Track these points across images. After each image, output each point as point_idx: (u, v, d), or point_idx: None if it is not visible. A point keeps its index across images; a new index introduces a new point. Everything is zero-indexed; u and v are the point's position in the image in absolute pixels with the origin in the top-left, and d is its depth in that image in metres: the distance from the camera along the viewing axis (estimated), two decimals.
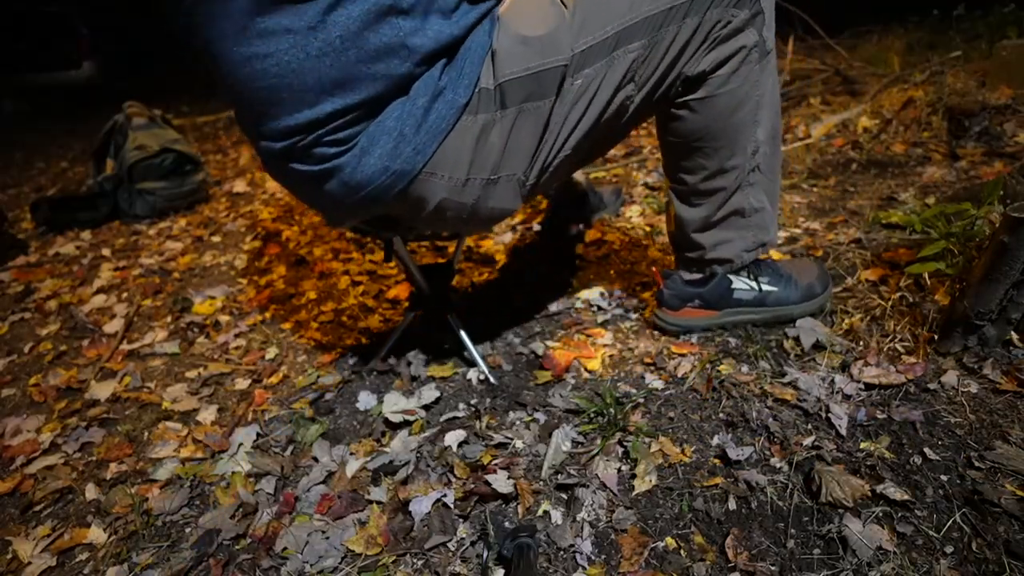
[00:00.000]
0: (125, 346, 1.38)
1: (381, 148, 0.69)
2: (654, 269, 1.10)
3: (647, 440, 0.87)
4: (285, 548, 0.77)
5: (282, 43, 0.63)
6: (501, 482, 0.82)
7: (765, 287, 1.01)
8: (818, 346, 1.00)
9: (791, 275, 1.03)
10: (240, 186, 2.64)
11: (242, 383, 1.17)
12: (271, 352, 1.27)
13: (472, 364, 1.10)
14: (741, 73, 0.80)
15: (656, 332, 1.13)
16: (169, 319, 1.48)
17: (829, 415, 0.85)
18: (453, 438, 0.92)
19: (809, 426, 0.85)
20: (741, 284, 1.01)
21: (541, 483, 0.83)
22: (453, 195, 0.76)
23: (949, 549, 0.65)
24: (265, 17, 0.62)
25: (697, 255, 1.00)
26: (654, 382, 0.99)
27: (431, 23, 0.66)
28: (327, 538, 0.78)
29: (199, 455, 0.98)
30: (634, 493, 0.79)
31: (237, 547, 0.80)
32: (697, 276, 1.02)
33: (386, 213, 0.81)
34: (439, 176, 0.73)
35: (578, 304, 1.27)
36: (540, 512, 0.79)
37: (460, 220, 0.82)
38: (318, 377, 1.14)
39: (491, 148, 0.74)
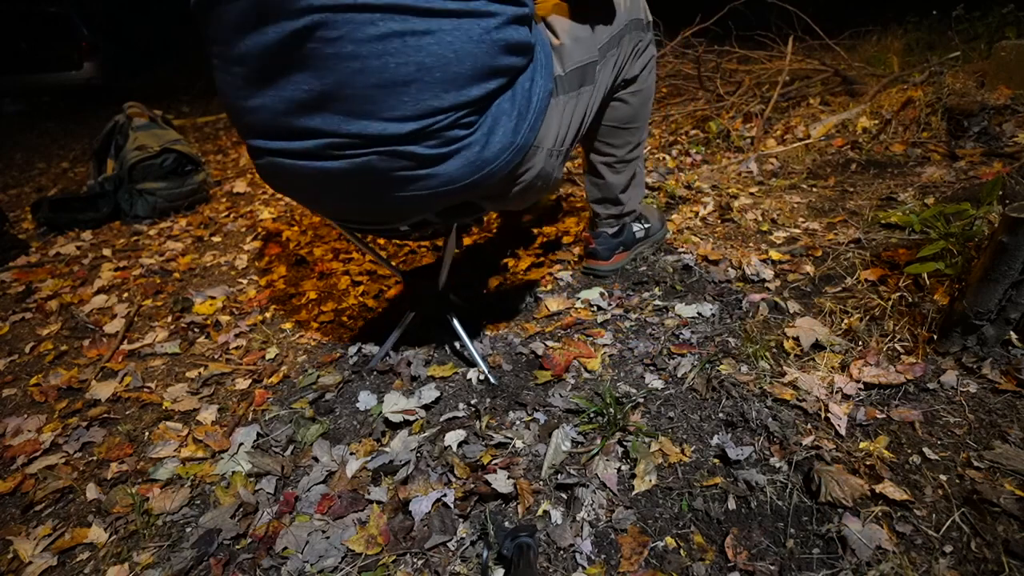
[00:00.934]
0: (126, 346, 1.38)
1: (504, 127, 0.77)
2: (586, 235, 1.39)
3: (647, 440, 0.87)
4: (285, 548, 0.78)
5: (445, 23, 0.65)
6: (501, 482, 0.82)
7: (646, 224, 1.42)
8: (818, 346, 1.00)
9: (649, 215, 1.45)
10: (240, 186, 2.64)
11: (242, 383, 1.17)
12: (271, 352, 1.27)
13: (472, 364, 1.10)
14: (650, 75, 1.17)
15: (655, 332, 1.13)
16: (169, 319, 1.48)
17: (828, 415, 0.85)
18: (453, 438, 0.93)
19: (808, 426, 0.85)
20: (636, 227, 1.39)
21: (541, 483, 0.83)
22: (547, 166, 0.90)
23: (948, 548, 0.65)
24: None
25: (619, 211, 1.33)
26: (654, 382, 0.99)
27: (523, 27, 0.76)
28: (327, 538, 0.79)
29: (200, 455, 0.98)
30: (634, 493, 0.79)
31: (237, 547, 0.80)
32: (616, 228, 1.35)
33: (475, 198, 0.86)
34: (542, 149, 0.87)
35: (578, 304, 1.28)
36: (540, 512, 0.79)
37: (537, 190, 0.94)
38: (318, 377, 1.15)
39: (566, 124, 0.91)
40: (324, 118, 0.71)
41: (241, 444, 0.98)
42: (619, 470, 0.83)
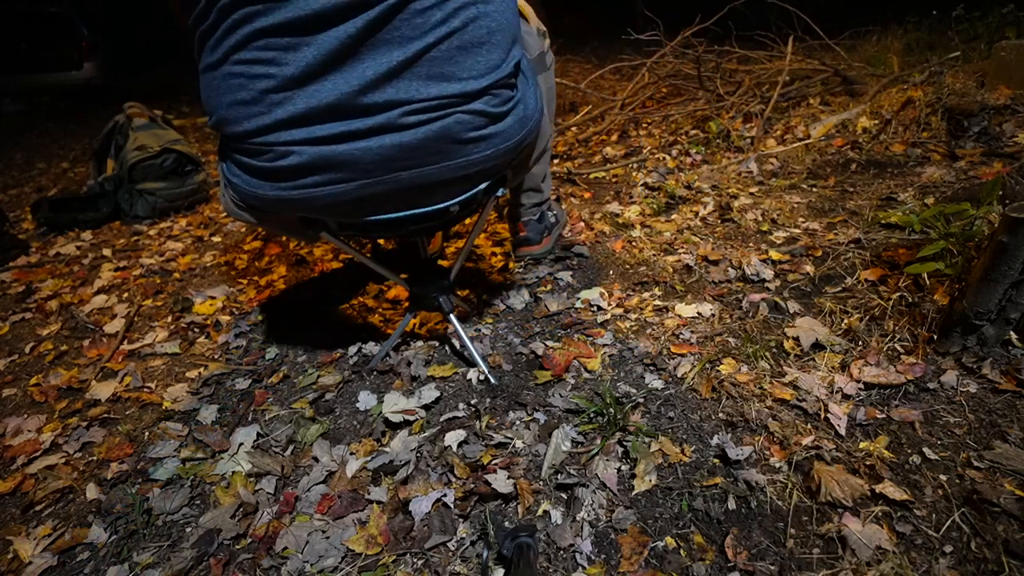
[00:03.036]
0: (126, 346, 1.38)
1: (530, 90, 0.87)
2: (520, 224, 1.49)
3: (647, 440, 0.87)
4: (285, 548, 0.78)
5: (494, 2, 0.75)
6: (501, 482, 0.82)
7: (555, 212, 1.58)
8: (818, 346, 1.00)
9: (555, 204, 1.61)
10: None
11: (242, 383, 1.17)
12: (271, 352, 1.27)
13: (472, 364, 1.10)
14: (552, 75, 1.26)
15: (655, 332, 1.13)
16: (170, 319, 1.48)
17: (828, 415, 0.85)
18: (453, 438, 0.93)
19: (808, 426, 0.85)
20: (550, 213, 1.54)
21: (541, 483, 0.83)
22: (551, 131, 1.03)
23: (948, 548, 0.65)
24: None
25: (540, 199, 1.47)
26: (654, 382, 0.99)
27: None
28: (327, 538, 0.79)
29: (199, 455, 0.98)
30: (634, 493, 0.79)
31: (237, 547, 0.80)
32: (538, 215, 1.49)
33: (511, 166, 0.93)
34: (545, 116, 0.96)
35: (578, 304, 1.28)
36: (540, 512, 0.79)
37: (542, 157, 1.07)
38: (318, 377, 1.15)
39: (544, 100, 0.97)
40: (399, 87, 0.72)
41: (241, 444, 0.98)
42: (619, 470, 0.83)
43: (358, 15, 0.67)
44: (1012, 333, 0.89)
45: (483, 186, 0.92)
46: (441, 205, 0.89)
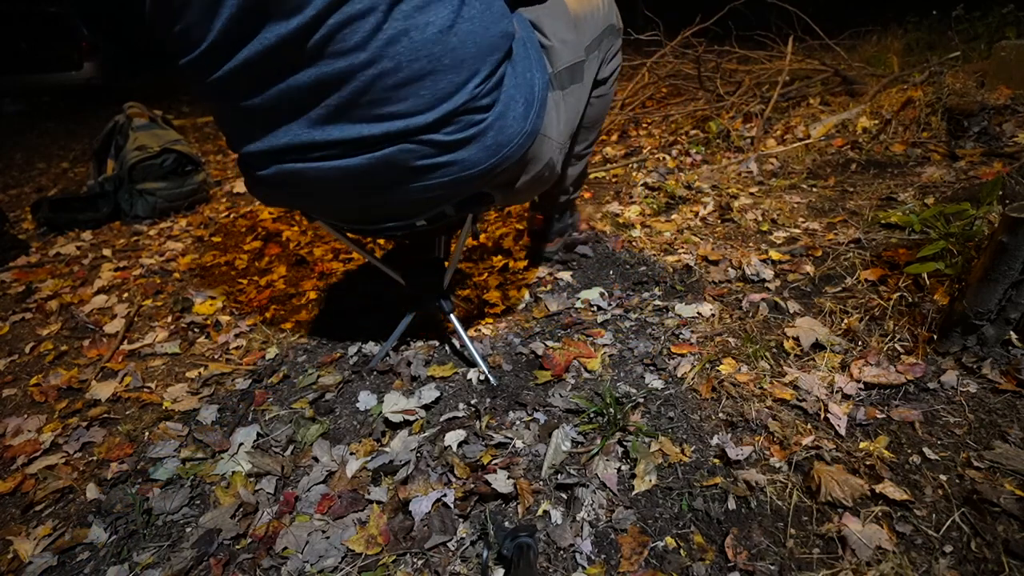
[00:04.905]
0: (126, 346, 1.38)
1: (514, 112, 0.78)
2: (539, 217, 1.47)
3: (647, 440, 0.87)
4: (285, 548, 0.78)
5: (441, 11, 0.66)
6: (501, 482, 0.82)
7: (572, 217, 1.53)
8: (818, 346, 1.00)
9: (575, 208, 1.57)
10: (240, 186, 2.64)
11: (242, 383, 1.17)
12: (271, 352, 1.27)
13: (472, 364, 1.10)
14: (616, 78, 1.21)
15: (655, 332, 1.13)
16: (170, 319, 1.48)
17: (828, 415, 0.85)
18: (453, 438, 0.93)
19: (808, 426, 0.85)
20: (567, 215, 1.50)
21: (541, 483, 0.83)
22: (553, 155, 0.93)
23: (948, 548, 0.65)
24: None
25: (566, 199, 1.42)
26: (654, 382, 0.99)
27: None
28: (327, 538, 0.79)
29: (199, 455, 0.98)
30: (634, 493, 0.79)
31: (237, 547, 0.80)
32: (557, 214, 1.47)
33: (490, 187, 0.87)
34: (550, 139, 0.90)
35: (578, 304, 1.28)
36: (540, 512, 0.79)
37: (543, 181, 0.97)
38: (318, 377, 1.15)
39: (563, 118, 0.95)
40: (343, 128, 0.72)
41: (241, 444, 0.98)
42: (619, 470, 0.83)
43: (291, 75, 0.67)
44: (1012, 333, 0.89)
45: (451, 204, 0.88)
46: (409, 220, 0.90)
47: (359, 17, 0.63)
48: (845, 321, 1.04)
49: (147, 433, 1.06)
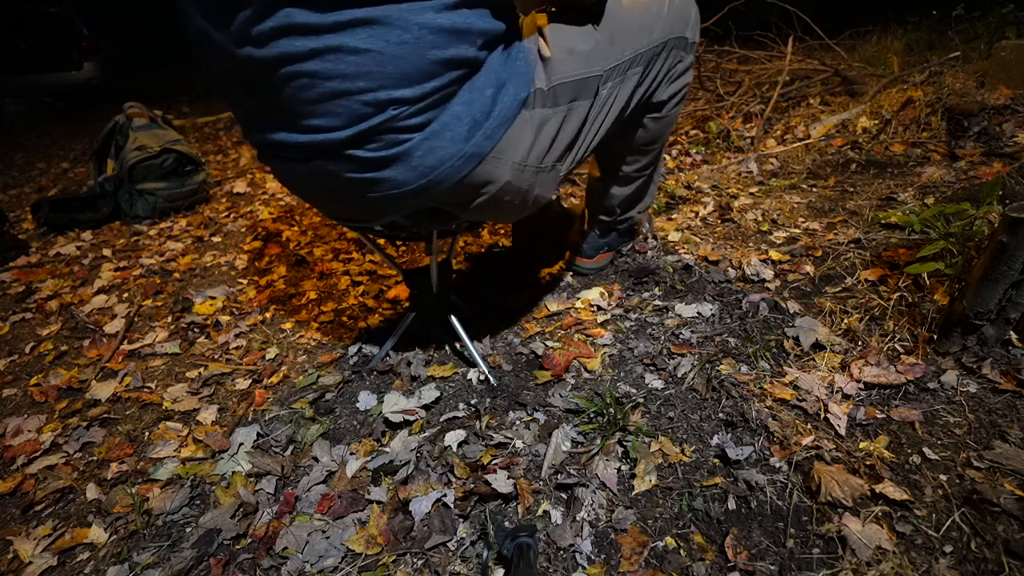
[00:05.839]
0: (126, 346, 1.38)
1: (452, 132, 0.74)
2: (576, 228, 1.41)
3: (647, 440, 0.87)
4: (285, 548, 0.78)
5: (359, 33, 0.65)
6: (501, 482, 0.82)
7: (623, 237, 1.45)
8: (818, 346, 1.00)
9: (642, 225, 1.50)
10: (240, 186, 2.64)
11: (242, 383, 1.17)
12: (271, 352, 1.27)
13: (472, 364, 1.10)
14: (682, 101, 1.12)
15: (655, 332, 1.13)
16: (170, 319, 1.48)
17: (828, 415, 0.85)
18: (453, 438, 0.93)
19: (808, 426, 0.85)
20: (618, 231, 1.40)
21: (541, 483, 0.83)
22: (515, 179, 0.84)
23: (948, 548, 0.65)
24: (348, 10, 0.64)
25: (611, 218, 1.34)
26: (654, 382, 0.99)
27: (486, 14, 0.73)
28: (327, 538, 0.79)
29: (200, 455, 0.98)
30: (634, 493, 0.79)
31: (237, 547, 0.80)
32: (602, 229, 1.37)
33: (437, 205, 0.84)
34: (505, 161, 0.81)
35: (578, 304, 1.28)
36: (540, 512, 0.79)
37: (512, 206, 0.89)
38: (318, 377, 1.15)
39: (545, 140, 0.85)
40: (287, 135, 0.75)
41: (241, 444, 0.98)
42: (619, 470, 0.83)
43: (254, 88, 0.72)
44: (1012, 333, 0.89)
45: (403, 216, 0.86)
46: (367, 224, 0.92)
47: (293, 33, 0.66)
48: (845, 321, 1.04)
49: (147, 433, 1.06)
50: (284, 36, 0.64)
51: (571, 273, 1.42)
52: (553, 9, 0.89)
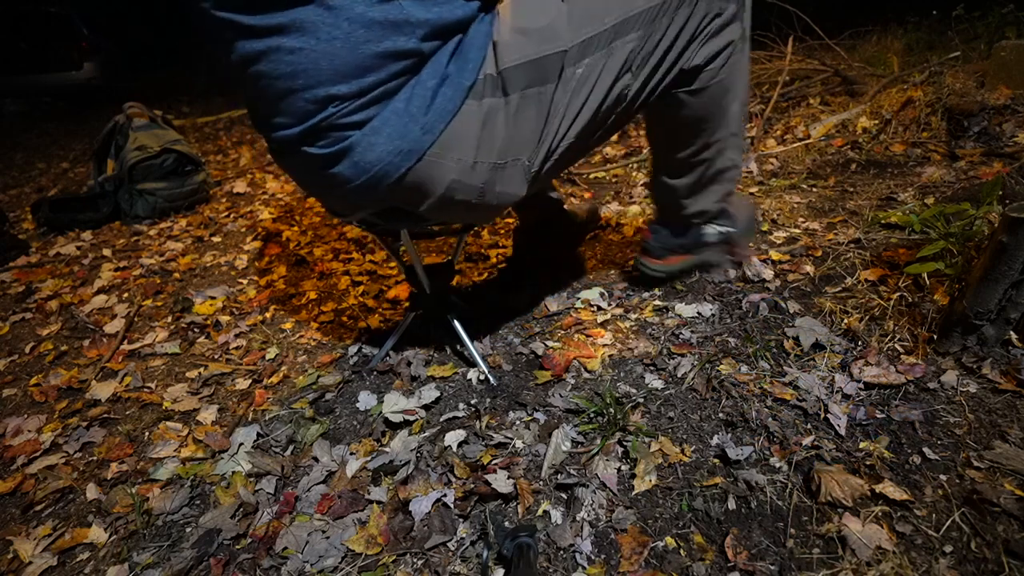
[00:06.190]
0: (126, 346, 1.38)
1: (391, 128, 0.72)
2: (642, 223, 1.24)
3: (647, 440, 0.87)
4: (285, 548, 0.78)
5: (292, 33, 0.66)
6: (501, 482, 0.82)
7: (725, 228, 1.18)
8: (818, 346, 1.00)
9: (735, 213, 1.21)
10: (240, 187, 2.64)
11: (242, 383, 1.17)
12: (271, 352, 1.27)
13: (472, 364, 1.10)
14: (730, 64, 0.91)
15: (655, 332, 1.13)
16: (170, 319, 1.48)
17: (828, 415, 0.85)
18: (453, 438, 0.93)
19: (808, 426, 0.85)
20: (710, 228, 1.19)
21: (541, 483, 0.83)
22: (463, 177, 0.78)
23: (948, 548, 0.65)
24: (275, 13, 0.65)
25: (682, 214, 1.15)
26: (654, 382, 0.99)
27: (434, 3, 0.70)
28: (327, 538, 0.79)
29: (200, 455, 0.98)
30: (634, 493, 0.79)
31: (237, 547, 0.80)
32: (678, 225, 1.18)
33: (394, 203, 0.82)
34: (448, 158, 0.76)
35: (578, 304, 1.28)
36: (540, 512, 0.79)
37: (469, 205, 0.83)
38: (318, 377, 1.15)
39: (497, 133, 0.78)
40: (262, 129, 0.79)
41: (241, 444, 0.98)
42: (619, 470, 0.83)
43: (244, 86, 0.75)
44: (1012, 333, 0.89)
45: (369, 213, 0.86)
46: (349, 216, 0.92)
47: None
48: (845, 321, 1.04)
49: (147, 433, 1.07)
50: (239, 39, 0.67)
51: (571, 273, 1.41)
52: None
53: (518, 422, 0.95)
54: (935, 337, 0.93)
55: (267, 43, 0.66)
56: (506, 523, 0.78)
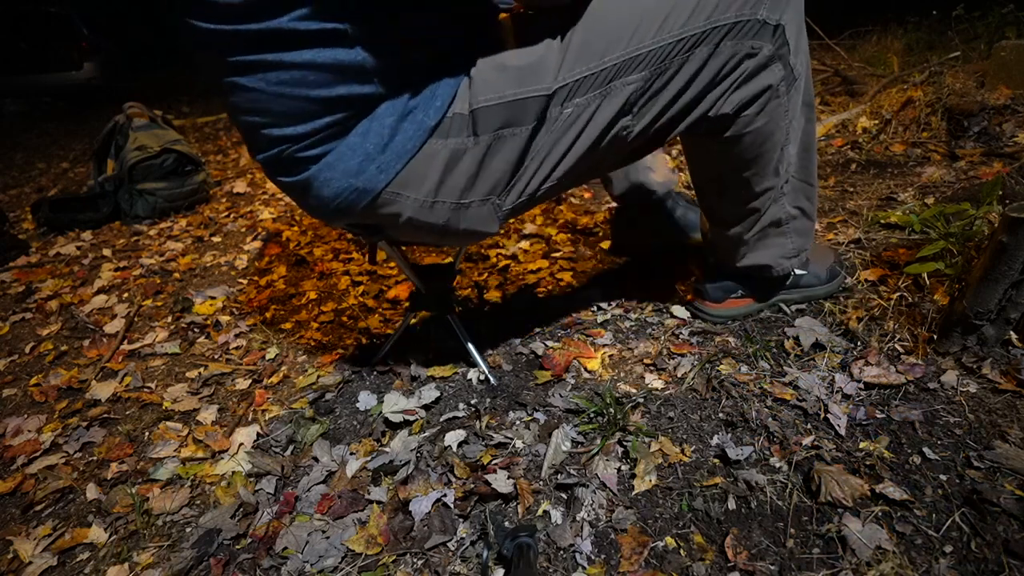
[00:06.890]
0: (126, 346, 1.38)
1: (345, 164, 0.70)
2: (705, 264, 1.13)
3: (647, 440, 0.87)
4: (285, 548, 0.78)
5: (248, 73, 0.66)
6: (501, 482, 0.82)
7: (798, 271, 1.05)
8: (818, 346, 1.00)
9: (814, 260, 1.08)
10: (240, 186, 2.65)
11: (242, 383, 1.17)
12: (271, 352, 1.27)
13: (472, 364, 1.10)
14: (768, 110, 0.77)
15: (655, 332, 1.13)
16: (170, 319, 1.48)
17: (828, 415, 0.85)
18: (453, 438, 0.93)
19: (808, 426, 0.85)
20: (778, 265, 1.03)
21: (541, 483, 0.83)
22: (420, 215, 0.76)
23: (948, 548, 0.65)
24: (236, 56, 0.65)
25: (736, 266, 1.03)
26: (654, 382, 0.99)
27: (388, 53, 0.66)
28: (327, 538, 0.79)
29: (200, 455, 0.98)
30: (634, 493, 0.79)
31: (237, 547, 0.80)
32: (737, 267, 1.04)
33: (365, 222, 0.82)
34: (404, 196, 0.73)
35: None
36: (540, 512, 0.79)
37: (434, 235, 0.82)
38: (318, 377, 1.15)
39: (461, 174, 0.73)
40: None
41: (241, 444, 0.98)
42: (619, 470, 0.83)
43: None
44: (1012, 333, 0.89)
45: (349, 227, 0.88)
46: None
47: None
48: (845, 321, 1.04)
49: (147, 433, 1.07)
50: (214, 68, 0.68)
51: (571, 273, 1.41)
52: (522, 10, 0.75)
53: (518, 422, 0.95)
54: (935, 337, 0.93)
55: (232, 79, 0.67)
56: (506, 523, 0.78)
